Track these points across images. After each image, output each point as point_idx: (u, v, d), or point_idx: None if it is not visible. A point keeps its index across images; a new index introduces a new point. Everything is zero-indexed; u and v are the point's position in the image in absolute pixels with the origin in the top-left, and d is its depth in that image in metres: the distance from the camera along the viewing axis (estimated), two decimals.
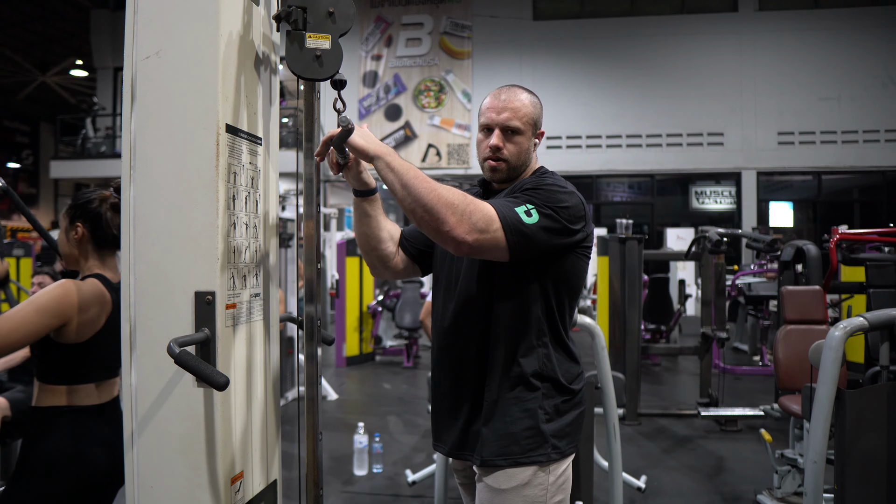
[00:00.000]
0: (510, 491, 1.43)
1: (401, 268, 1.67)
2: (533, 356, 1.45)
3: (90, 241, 1.80)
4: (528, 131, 1.52)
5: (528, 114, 1.51)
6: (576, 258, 1.47)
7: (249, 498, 1.34)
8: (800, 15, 11.99)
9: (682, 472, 3.90)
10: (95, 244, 1.81)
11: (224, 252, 1.24)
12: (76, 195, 1.86)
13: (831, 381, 2.19)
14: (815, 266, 4.64)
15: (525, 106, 1.51)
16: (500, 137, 1.50)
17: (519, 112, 1.50)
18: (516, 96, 1.52)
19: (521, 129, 1.51)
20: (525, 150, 1.53)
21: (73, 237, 1.80)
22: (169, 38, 1.23)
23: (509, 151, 1.51)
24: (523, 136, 1.52)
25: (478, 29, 12.72)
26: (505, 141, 1.51)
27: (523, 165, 1.55)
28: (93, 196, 1.82)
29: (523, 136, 1.52)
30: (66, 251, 1.84)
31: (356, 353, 7.41)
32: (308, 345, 1.39)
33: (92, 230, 1.80)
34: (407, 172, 1.31)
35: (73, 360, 1.69)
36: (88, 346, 1.70)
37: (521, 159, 1.53)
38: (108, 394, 1.79)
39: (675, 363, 7.54)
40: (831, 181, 12.40)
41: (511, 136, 1.51)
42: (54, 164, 13.82)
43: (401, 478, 3.71)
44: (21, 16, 14.71)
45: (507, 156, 1.51)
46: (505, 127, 1.50)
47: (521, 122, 1.50)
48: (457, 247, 1.32)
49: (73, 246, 1.81)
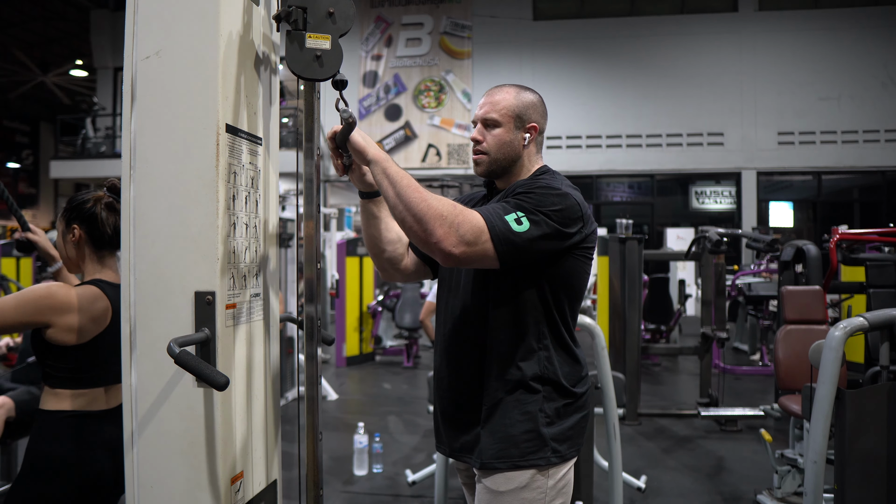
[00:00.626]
0: (508, 493, 1.42)
1: (412, 270, 1.67)
2: (533, 359, 1.45)
3: (88, 242, 1.80)
4: (509, 123, 1.51)
5: (507, 106, 1.51)
6: (574, 260, 1.45)
7: (249, 498, 1.34)
8: (800, 15, 12.00)
9: (682, 472, 3.90)
10: (93, 245, 1.81)
11: (224, 252, 1.24)
12: (71, 198, 1.87)
13: (831, 381, 2.19)
14: (815, 266, 4.64)
15: (505, 99, 1.52)
16: (480, 130, 1.53)
17: (497, 105, 1.51)
18: (500, 91, 1.54)
19: (497, 120, 1.51)
20: (506, 142, 1.52)
21: (71, 240, 1.80)
22: (169, 38, 1.23)
23: (488, 143, 1.52)
24: (502, 129, 1.51)
25: (478, 29, 12.72)
26: (485, 133, 1.53)
27: (507, 159, 1.53)
28: (87, 197, 1.82)
29: (502, 129, 1.51)
30: (65, 255, 1.84)
31: (356, 353, 7.42)
32: (308, 345, 1.39)
33: (89, 231, 1.80)
34: (401, 180, 1.32)
35: (74, 363, 1.69)
36: (89, 350, 1.69)
37: (503, 151, 1.52)
38: (115, 399, 1.78)
39: (675, 363, 7.54)
40: (831, 181, 12.40)
41: (490, 129, 1.52)
42: (54, 164, 13.82)
43: (401, 478, 3.71)
44: (21, 16, 14.71)
45: (486, 147, 1.52)
46: (484, 119, 1.53)
47: (497, 113, 1.51)
48: (445, 258, 1.32)
49: (72, 249, 1.81)
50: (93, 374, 1.72)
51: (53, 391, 1.70)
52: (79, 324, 1.67)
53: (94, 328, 1.70)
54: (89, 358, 1.70)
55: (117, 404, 1.78)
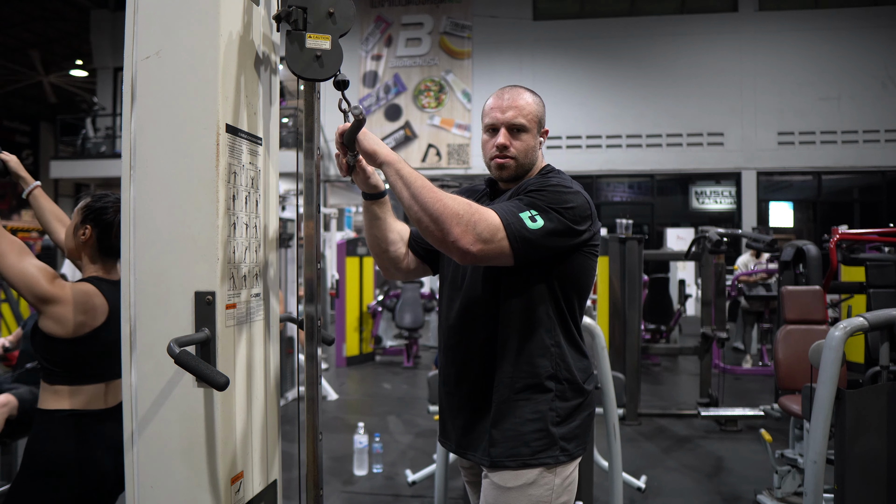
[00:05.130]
0: (515, 490, 1.43)
1: (412, 268, 1.68)
2: (546, 358, 1.45)
3: (95, 246, 1.81)
4: (534, 129, 1.54)
5: (532, 112, 1.53)
6: (583, 257, 1.48)
7: (249, 498, 1.34)
8: (800, 15, 11.99)
9: (682, 472, 3.90)
10: (100, 250, 1.82)
11: (224, 252, 1.24)
12: (96, 195, 1.85)
13: (831, 381, 2.19)
14: (815, 266, 4.64)
15: (529, 104, 1.53)
16: (507, 136, 1.52)
17: (524, 110, 1.52)
18: (520, 95, 1.54)
19: (526, 126, 1.52)
20: (531, 147, 1.54)
21: (81, 236, 1.80)
22: (169, 38, 1.23)
23: (516, 149, 1.52)
24: (529, 134, 1.53)
25: (478, 29, 12.72)
26: (511, 139, 1.52)
27: (531, 163, 1.56)
28: (109, 204, 1.82)
29: (529, 134, 1.53)
30: (69, 244, 1.84)
31: (356, 353, 7.41)
32: (308, 345, 1.39)
33: (100, 237, 1.80)
34: (415, 181, 1.33)
35: (69, 357, 1.69)
36: (84, 345, 1.70)
37: (529, 157, 1.54)
38: (115, 398, 1.78)
39: (675, 363, 7.54)
40: (831, 181, 12.39)
41: (517, 134, 1.52)
42: (54, 164, 13.80)
43: (401, 478, 3.71)
44: (21, 16, 14.71)
45: (515, 153, 1.52)
46: (510, 125, 1.52)
47: (526, 119, 1.52)
48: (462, 256, 1.33)
49: (79, 243, 1.81)
50: (90, 369, 1.73)
51: (52, 388, 1.70)
52: (67, 316, 1.67)
53: (89, 322, 1.71)
54: (85, 352, 1.71)
55: (116, 403, 1.78)
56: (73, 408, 1.70)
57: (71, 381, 1.70)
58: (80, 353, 1.70)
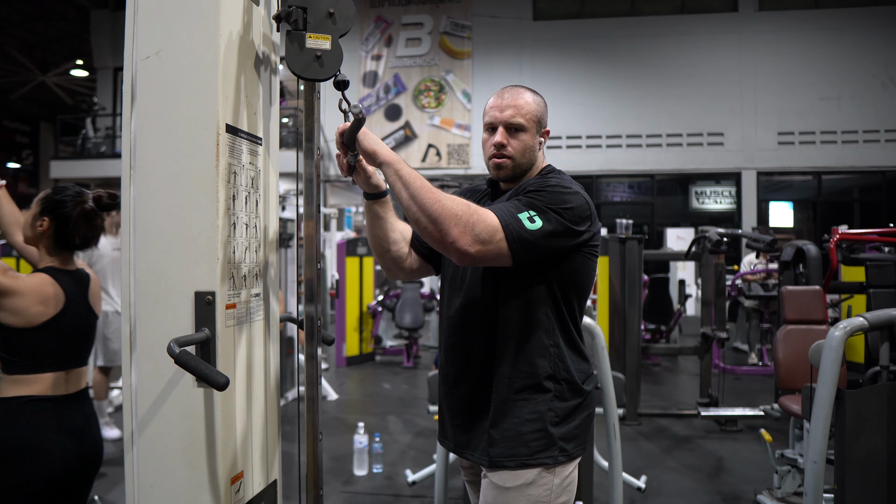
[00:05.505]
0: (514, 490, 1.43)
1: (415, 267, 1.68)
2: (545, 357, 1.45)
3: (53, 237, 1.81)
4: (533, 129, 1.53)
5: (531, 111, 1.52)
6: (583, 258, 1.47)
7: (249, 498, 1.34)
8: (800, 15, 11.99)
9: (682, 472, 3.90)
10: (56, 243, 1.82)
11: (224, 252, 1.24)
12: (57, 187, 1.86)
13: (831, 381, 2.19)
14: (815, 266, 4.64)
15: (528, 104, 1.52)
16: (504, 134, 1.51)
17: (522, 109, 1.51)
18: (520, 94, 1.53)
19: (524, 125, 1.51)
20: (530, 147, 1.53)
21: (38, 227, 1.80)
22: (169, 38, 1.23)
23: (514, 148, 1.52)
24: (527, 134, 1.52)
25: (478, 29, 12.72)
26: (509, 138, 1.52)
27: (529, 163, 1.55)
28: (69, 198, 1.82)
29: (527, 134, 1.52)
30: (27, 233, 1.85)
31: (356, 353, 7.41)
32: (308, 345, 1.39)
33: (56, 229, 1.80)
34: (414, 182, 1.33)
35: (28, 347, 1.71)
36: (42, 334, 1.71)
37: (527, 157, 1.54)
38: (76, 384, 1.81)
39: (675, 363, 7.54)
40: (831, 181, 12.39)
41: (515, 134, 1.52)
42: (54, 164, 13.80)
43: (401, 478, 3.71)
44: (21, 16, 14.71)
45: (512, 153, 1.52)
46: (508, 124, 1.51)
47: (524, 119, 1.51)
48: (460, 257, 1.33)
49: (35, 234, 1.82)
50: (48, 357, 1.74)
51: (11, 378, 1.72)
52: (25, 306, 1.68)
53: (45, 312, 1.71)
54: (43, 341, 1.72)
55: (78, 389, 1.80)
56: (34, 394, 1.70)
57: (30, 369, 1.72)
58: (38, 342, 1.72)
